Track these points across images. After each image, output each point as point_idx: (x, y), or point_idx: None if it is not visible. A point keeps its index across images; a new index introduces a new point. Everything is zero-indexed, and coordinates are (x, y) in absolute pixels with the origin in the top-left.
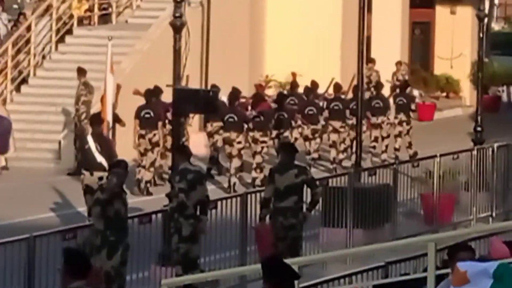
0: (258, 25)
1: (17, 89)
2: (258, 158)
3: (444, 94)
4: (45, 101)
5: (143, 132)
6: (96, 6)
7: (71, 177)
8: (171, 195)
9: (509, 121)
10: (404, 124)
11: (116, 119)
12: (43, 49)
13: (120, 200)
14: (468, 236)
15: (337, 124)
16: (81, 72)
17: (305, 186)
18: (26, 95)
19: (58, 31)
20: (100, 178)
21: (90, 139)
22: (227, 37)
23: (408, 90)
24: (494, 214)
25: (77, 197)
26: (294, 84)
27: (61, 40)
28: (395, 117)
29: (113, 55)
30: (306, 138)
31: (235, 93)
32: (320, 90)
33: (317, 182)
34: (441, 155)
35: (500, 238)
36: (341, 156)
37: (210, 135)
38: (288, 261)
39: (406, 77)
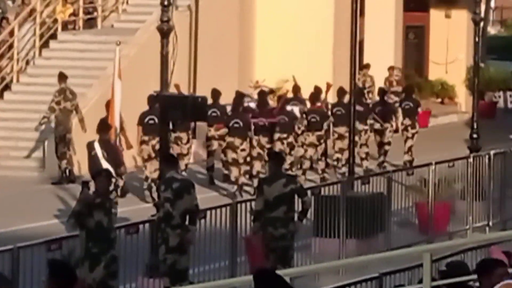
0: (248, 29)
1: (0, 95)
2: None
3: (439, 100)
4: (29, 108)
5: (146, 138)
6: (81, 10)
7: (56, 186)
8: (158, 204)
9: (505, 128)
10: (409, 128)
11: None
12: (27, 54)
13: (101, 211)
14: (464, 246)
15: (341, 129)
16: (61, 77)
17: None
18: (9, 102)
19: (42, 36)
20: None
21: (97, 146)
22: (216, 42)
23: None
24: (491, 224)
25: (62, 206)
26: (296, 88)
27: (45, 45)
28: (401, 123)
29: (98, 60)
30: (310, 145)
31: (239, 98)
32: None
33: (307, 191)
34: (436, 163)
35: (499, 248)
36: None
37: (211, 139)
38: (280, 272)
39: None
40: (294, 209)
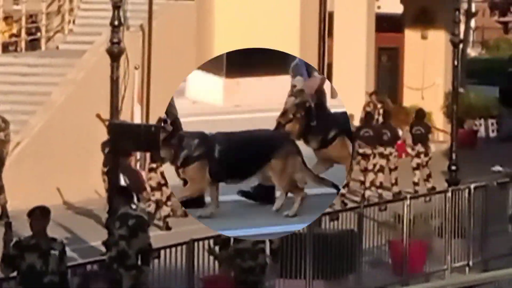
0: (206, 52)
1: None
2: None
3: None
4: None
5: (154, 165)
6: (23, 31)
7: None
8: (109, 242)
9: (487, 159)
10: (422, 155)
11: None
12: None
13: (35, 253)
14: None
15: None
16: None
17: None
18: None
19: None
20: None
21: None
22: (170, 65)
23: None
24: (471, 263)
25: (1, 245)
26: None
27: None
28: (412, 149)
29: (42, 85)
30: None
31: None
32: None
33: None
34: (411, 197)
35: None
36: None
37: None
38: None
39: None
40: (265, 241)
